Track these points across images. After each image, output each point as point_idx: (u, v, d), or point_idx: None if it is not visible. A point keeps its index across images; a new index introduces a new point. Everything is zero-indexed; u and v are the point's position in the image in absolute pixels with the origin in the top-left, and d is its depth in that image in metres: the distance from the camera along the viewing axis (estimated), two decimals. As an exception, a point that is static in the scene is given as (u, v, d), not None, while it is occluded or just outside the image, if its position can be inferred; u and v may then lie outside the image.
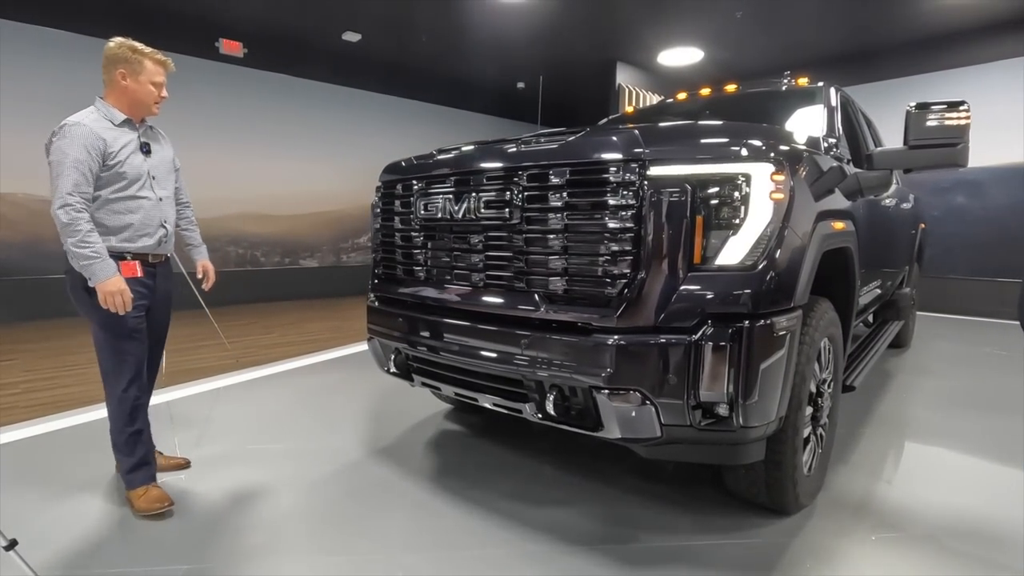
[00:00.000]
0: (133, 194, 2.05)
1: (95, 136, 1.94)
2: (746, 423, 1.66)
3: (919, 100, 2.52)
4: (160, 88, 2.12)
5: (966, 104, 2.47)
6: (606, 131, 1.81)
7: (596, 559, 1.82)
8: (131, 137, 2.08)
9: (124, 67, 2.05)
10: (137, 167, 2.07)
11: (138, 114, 2.12)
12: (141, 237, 2.08)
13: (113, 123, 2.04)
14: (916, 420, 3.18)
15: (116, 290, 1.93)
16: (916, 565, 1.82)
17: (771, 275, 1.65)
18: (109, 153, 1.99)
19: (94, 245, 1.90)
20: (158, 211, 2.14)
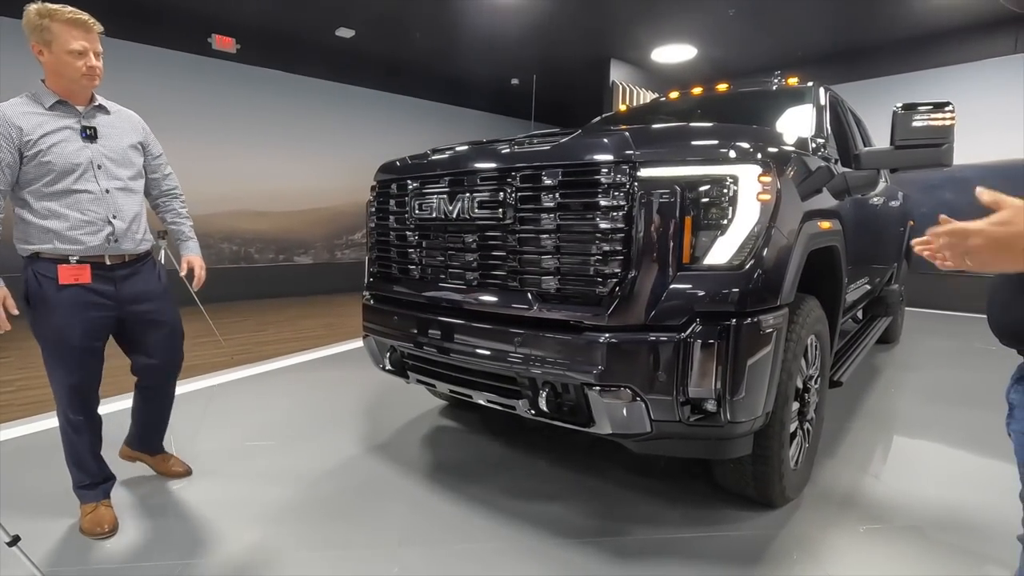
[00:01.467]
0: (68, 187, 1.79)
1: (8, 124, 1.71)
2: (733, 419, 1.71)
3: (908, 98, 2.56)
4: (83, 57, 1.77)
5: (951, 105, 2.51)
6: (597, 133, 1.84)
7: (590, 552, 1.86)
8: (66, 123, 1.81)
9: (35, 38, 1.74)
10: (69, 156, 1.79)
11: (73, 94, 1.83)
12: (81, 236, 1.81)
13: (43, 106, 1.79)
14: (902, 415, 3.24)
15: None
16: (901, 555, 1.87)
17: (758, 274, 1.69)
18: (26, 142, 1.74)
19: None
20: (102, 205, 1.85)
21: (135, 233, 1.96)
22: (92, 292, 1.85)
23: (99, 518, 1.95)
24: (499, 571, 1.78)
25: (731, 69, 8.48)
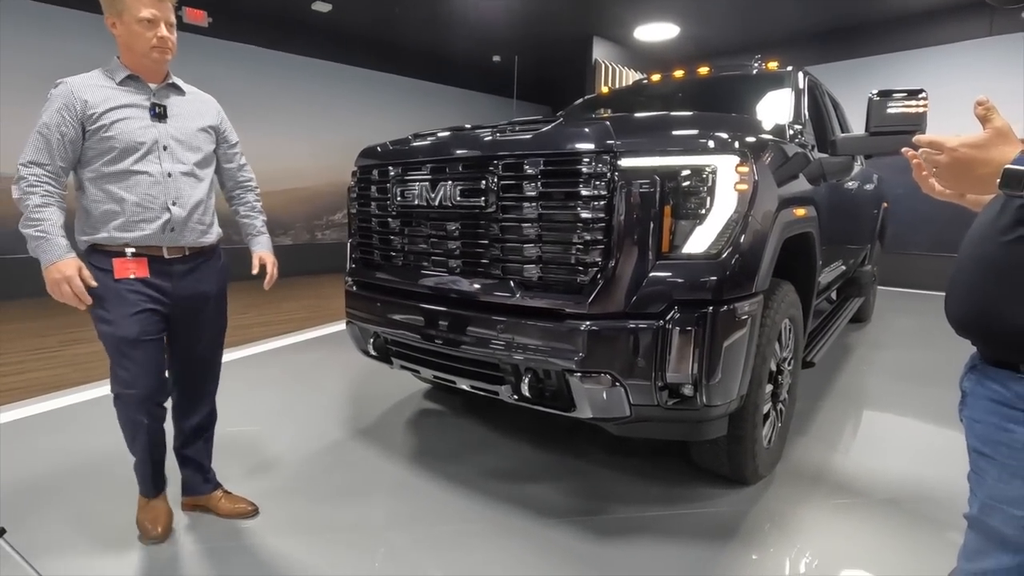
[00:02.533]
0: (128, 168, 1.66)
1: (73, 96, 1.60)
2: (709, 402, 1.77)
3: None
4: (153, 27, 1.64)
5: (924, 92, 2.56)
6: (579, 122, 1.85)
7: (572, 531, 1.93)
8: (135, 99, 1.69)
9: (108, 9, 1.64)
10: (133, 133, 1.66)
11: (146, 69, 1.71)
12: (138, 224, 1.68)
13: (114, 80, 1.68)
14: (872, 393, 3.37)
15: (60, 277, 1.58)
16: (867, 528, 1.97)
17: (734, 263, 1.73)
18: (90, 115, 1.62)
19: (41, 223, 1.58)
20: (162, 189, 1.71)
21: (197, 223, 1.79)
22: (148, 287, 1.72)
23: (155, 516, 1.87)
24: (484, 552, 1.83)
25: (713, 47, 8.47)
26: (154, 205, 1.70)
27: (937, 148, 0.83)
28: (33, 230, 1.58)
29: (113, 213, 1.67)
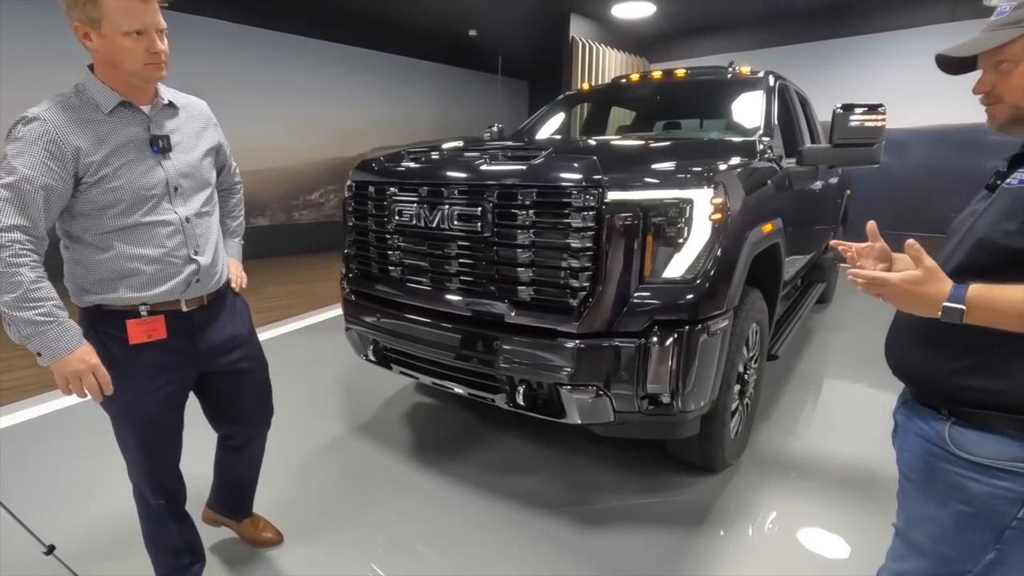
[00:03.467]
0: (139, 220, 1.37)
1: (59, 142, 1.26)
2: (684, 408, 1.98)
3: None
4: (144, 38, 1.29)
5: (883, 107, 2.75)
6: (569, 157, 1.98)
7: (562, 521, 2.15)
8: (132, 132, 1.37)
9: (77, 15, 1.25)
10: (141, 179, 1.36)
11: (135, 90, 1.37)
12: (156, 281, 1.41)
13: (102, 110, 1.33)
14: (831, 377, 3.67)
15: (84, 368, 1.30)
16: (822, 509, 2.25)
17: (708, 285, 1.92)
18: (88, 164, 1.29)
19: (43, 303, 1.24)
20: (184, 238, 1.45)
21: (216, 267, 1.56)
22: (168, 350, 1.47)
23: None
24: (488, 545, 2.05)
25: (688, 25, 8.54)
26: (176, 259, 1.44)
27: (881, 283, 1.00)
28: (33, 313, 1.22)
29: (128, 272, 1.38)
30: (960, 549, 1.07)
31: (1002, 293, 0.92)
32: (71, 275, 1.42)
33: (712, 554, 1.99)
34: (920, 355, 1.12)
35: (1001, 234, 0.98)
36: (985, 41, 1.08)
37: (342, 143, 8.78)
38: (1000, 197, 1.02)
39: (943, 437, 1.08)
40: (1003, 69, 1.06)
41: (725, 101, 3.45)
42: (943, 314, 0.95)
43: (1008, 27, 1.04)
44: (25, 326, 1.23)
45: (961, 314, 0.93)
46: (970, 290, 0.94)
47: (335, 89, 8.51)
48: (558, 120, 3.91)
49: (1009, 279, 0.98)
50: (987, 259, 1.01)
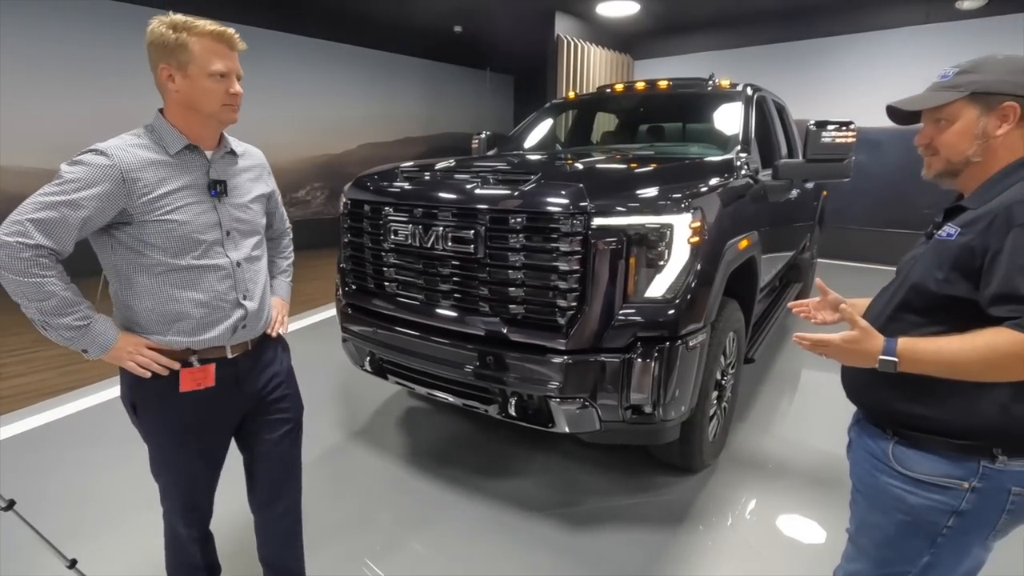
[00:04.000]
0: (191, 263, 1.37)
1: (123, 179, 1.28)
2: (665, 417, 2.13)
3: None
4: (225, 80, 1.35)
5: (853, 123, 2.90)
6: (558, 185, 2.09)
7: (551, 523, 2.29)
8: (191, 176, 1.38)
9: (167, 59, 1.31)
10: (195, 222, 1.37)
11: (205, 133, 1.41)
12: (206, 327, 1.41)
13: (168, 151, 1.36)
14: (805, 376, 3.86)
15: (133, 349, 1.35)
16: (795, 506, 2.42)
17: (687, 304, 2.06)
18: (144, 202, 1.30)
19: (79, 307, 1.29)
20: (233, 283, 1.45)
21: (263, 311, 1.55)
22: (215, 397, 1.47)
23: None
24: (479, 544, 2.19)
25: (671, 24, 8.64)
26: (225, 303, 1.44)
27: (824, 344, 1.15)
28: (71, 318, 1.27)
29: (176, 315, 1.38)
30: (901, 552, 1.23)
31: (925, 346, 1.07)
32: (120, 315, 1.41)
33: (693, 550, 2.15)
34: (869, 385, 1.26)
35: (932, 281, 1.13)
36: (927, 100, 1.22)
37: (328, 140, 8.79)
38: (932, 247, 1.17)
39: (887, 455, 1.23)
40: (941, 126, 1.20)
41: (705, 113, 3.59)
42: (880, 366, 1.09)
43: (948, 90, 1.18)
44: (65, 331, 1.27)
45: (895, 365, 1.08)
46: (899, 344, 1.08)
47: (320, 86, 8.50)
48: (545, 127, 4.02)
49: (940, 319, 1.13)
50: (921, 302, 1.16)
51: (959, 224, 1.13)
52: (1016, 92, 1.10)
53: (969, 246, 1.07)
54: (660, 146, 3.49)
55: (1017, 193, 1.05)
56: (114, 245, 1.34)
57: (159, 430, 1.46)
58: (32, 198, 1.24)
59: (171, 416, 1.44)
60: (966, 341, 1.03)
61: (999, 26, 6.65)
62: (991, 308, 1.02)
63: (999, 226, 1.03)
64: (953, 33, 6.94)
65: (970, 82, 1.14)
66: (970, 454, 1.12)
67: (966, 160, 1.16)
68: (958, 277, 1.09)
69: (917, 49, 7.14)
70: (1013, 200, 1.04)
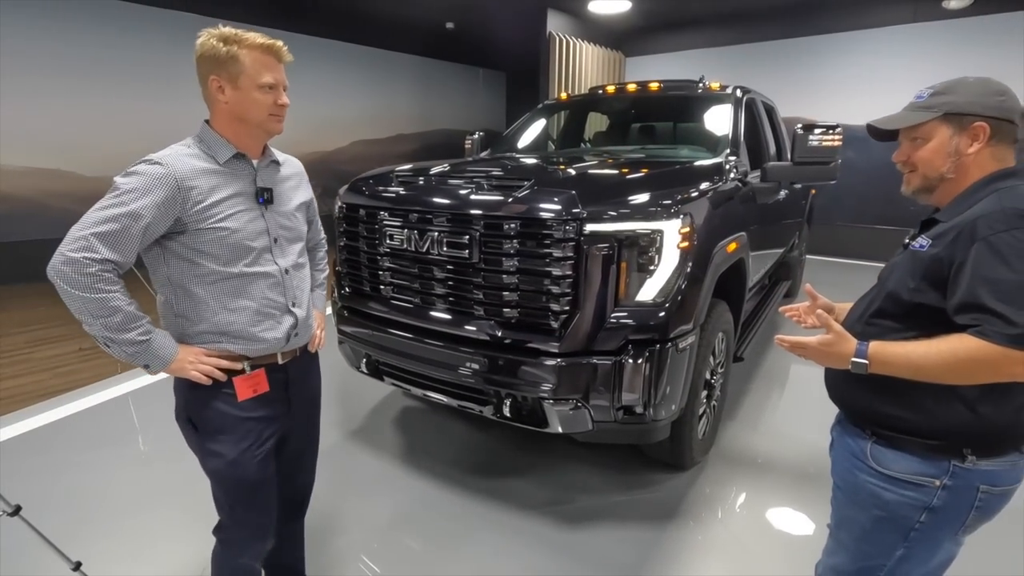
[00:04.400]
0: (242, 271, 1.40)
1: (179, 188, 1.30)
2: (656, 417, 2.19)
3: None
4: (273, 92, 1.38)
5: (839, 127, 2.97)
6: (551, 191, 2.14)
7: (545, 520, 2.35)
8: (240, 184, 1.41)
9: (218, 71, 1.34)
10: (245, 229, 1.39)
11: (252, 142, 1.44)
12: (260, 333, 1.44)
13: (217, 160, 1.38)
14: (794, 372, 3.94)
15: (194, 359, 1.37)
16: (786, 498, 2.49)
17: (677, 307, 2.12)
18: (197, 210, 1.32)
19: (141, 321, 1.30)
20: (283, 290, 1.48)
21: (311, 318, 1.60)
22: (268, 404, 1.49)
23: None
24: (473, 541, 2.24)
25: (662, 21, 8.69)
26: (276, 310, 1.47)
27: (802, 346, 1.23)
28: (135, 334, 1.28)
29: (229, 323, 1.40)
30: (877, 546, 1.30)
31: (894, 349, 1.14)
32: (170, 325, 1.42)
33: (683, 544, 2.22)
34: (850, 387, 1.33)
35: (905, 290, 1.19)
36: (904, 119, 1.28)
37: (320, 137, 8.78)
38: (907, 257, 1.23)
39: (866, 454, 1.30)
40: (917, 144, 1.26)
41: (695, 115, 3.65)
42: (852, 367, 1.17)
43: (923, 110, 1.24)
44: (129, 346, 1.28)
45: (865, 367, 1.15)
46: (870, 348, 1.16)
47: (312, 83, 8.47)
48: (538, 127, 4.06)
49: (913, 326, 1.19)
50: (896, 309, 1.22)
51: (931, 236, 1.19)
52: (986, 113, 1.17)
53: (938, 257, 1.14)
54: (651, 148, 3.54)
55: (982, 208, 1.12)
56: (167, 256, 1.36)
57: (223, 443, 1.43)
58: (91, 213, 1.25)
59: (232, 425, 1.44)
60: (931, 346, 1.10)
61: (984, 25, 6.75)
62: (956, 316, 1.09)
63: (964, 239, 1.10)
64: (940, 32, 7.04)
65: (943, 103, 1.20)
66: (942, 454, 1.19)
67: (941, 176, 1.22)
68: (928, 287, 1.15)
69: (904, 47, 7.23)
70: (978, 215, 1.10)
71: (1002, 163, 1.19)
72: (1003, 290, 1.03)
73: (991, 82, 1.20)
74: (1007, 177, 1.17)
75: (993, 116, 1.17)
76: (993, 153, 1.19)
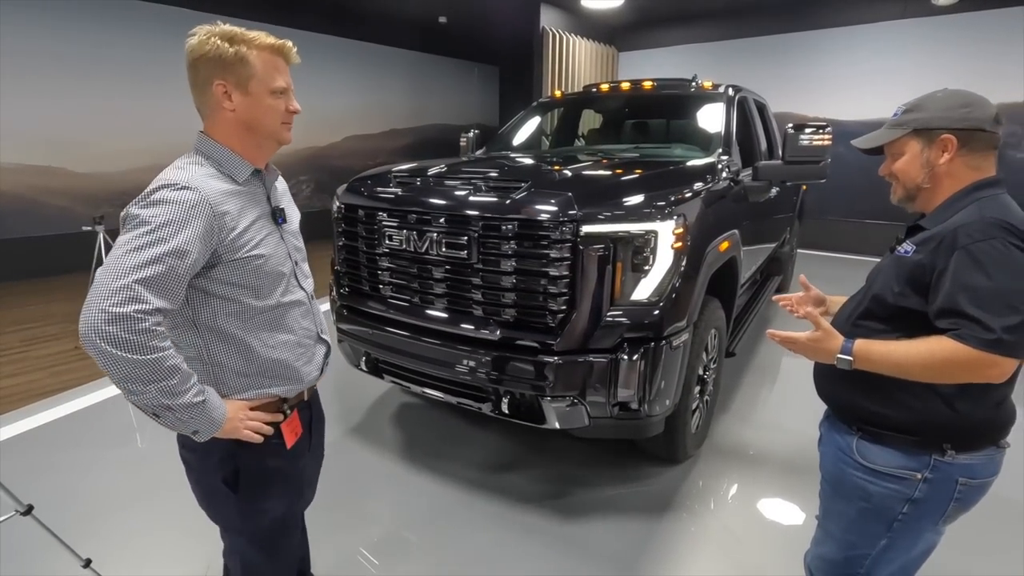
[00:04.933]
0: (279, 301, 1.26)
1: (213, 213, 1.12)
2: (650, 412, 2.25)
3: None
4: (287, 97, 1.25)
5: (829, 127, 3.02)
6: (547, 193, 2.17)
7: (544, 514, 2.41)
8: (260, 204, 1.26)
9: (224, 75, 1.17)
10: (275, 255, 1.25)
11: (261, 153, 1.27)
12: (302, 373, 1.33)
13: (236, 180, 1.21)
14: (785, 366, 4.02)
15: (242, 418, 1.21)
16: (776, 489, 2.56)
17: (671, 305, 2.17)
18: (232, 240, 1.16)
19: (193, 382, 1.12)
20: (313, 318, 1.38)
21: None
22: (303, 446, 1.39)
23: None
24: (472, 535, 2.29)
25: (655, 16, 8.72)
26: (310, 340, 1.36)
27: (792, 341, 1.29)
28: (191, 395, 1.10)
29: (271, 363, 1.26)
30: (862, 536, 1.36)
31: (877, 348, 1.21)
32: (206, 376, 1.21)
33: (677, 536, 2.28)
34: (837, 384, 1.39)
35: (890, 293, 1.25)
36: (878, 138, 1.37)
37: (313, 133, 8.75)
38: (892, 261, 1.29)
39: (852, 448, 1.36)
40: (895, 158, 1.34)
41: (688, 113, 3.69)
42: (837, 363, 1.23)
43: (896, 128, 1.32)
44: (186, 411, 1.10)
45: (849, 363, 1.22)
46: (855, 345, 1.22)
47: (305, 78, 8.42)
48: (532, 125, 4.09)
49: (897, 327, 1.25)
50: (881, 311, 1.28)
51: (915, 242, 1.25)
52: (952, 126, 1.23)
53: (921, 263, 1.20)
54: (645, 147, 3.58)
55: (963, 217, 1.18)
56: (199, 298, 1.17)
57: (272, 500, 1.30)
58: (123, 256, 1.03)
59: (284, 479, 1.32)
60: (912, 346, 1.17)
61: (972, 22, 6.82)
62: (937, 321, 1.15)
63: (946, 247, 1.16)
64: (928, 28, 7.11)
65: (912, 119, 1.27)
66: (923, 448, 1.25)
67: (918, 187, 1.30)
68: (911, 291, 1.21)
69: (894, 43, 7.30)
70: (959, 224, 1.16)
71: (978, 171, 1.25)
72: (980, 297, 1.09)
73: (958, 94, 1.26)
74: (988, 187, 1.23)
75: (959, 128, 1.22)
76: (966, 162, 1.24)
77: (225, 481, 1.26)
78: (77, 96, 6.24)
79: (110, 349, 1.00)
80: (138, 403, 1.07)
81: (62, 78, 6.13)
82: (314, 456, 1.53)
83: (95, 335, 0.99)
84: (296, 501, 1.41)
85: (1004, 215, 1.15)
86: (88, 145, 6.33)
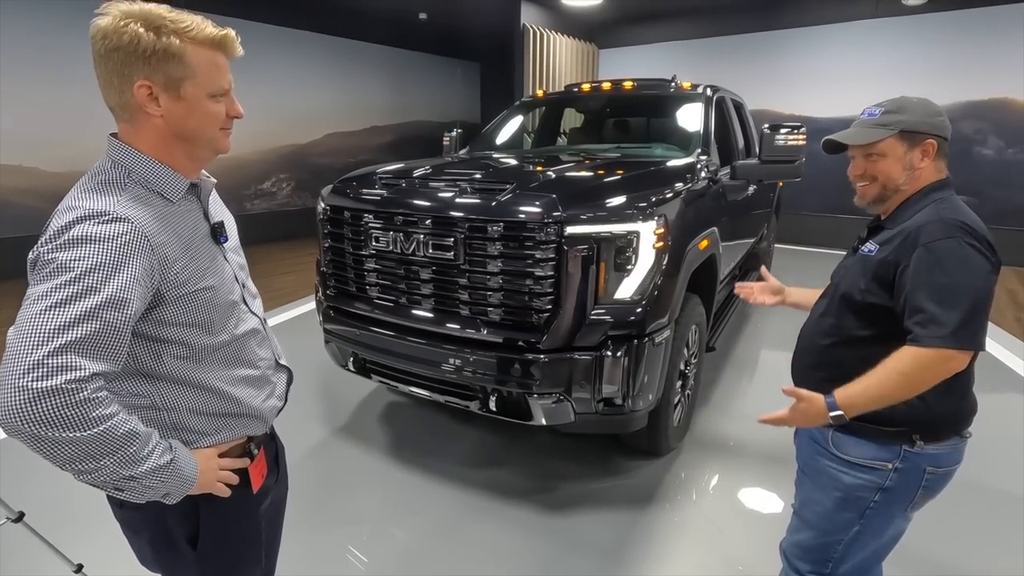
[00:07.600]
0: (234, 334, 1.09)
1: (152, 249, 0.92)
2: (634, 408, 2.31)
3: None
4: (228, 100, 1.05)
5: (803, 127, 3.11)
6: (532, 195, 2.21)
7: (530, 507, 2.46)
8: (198, 223, 1.06)
9: (149, 73, 0.93)
10: (222, 282, 1.07)
11: (194, 164, 1.06)
12: (263, 406, 1.16)
13: (168, 198, 1.00)
14: (764, 359, 4.11)
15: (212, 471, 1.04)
16: (756, 479, 2.65)
17: (653, 303, 2.23)
18: (174, 274, 0.96)
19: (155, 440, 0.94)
20: (270, 343, 1.22)
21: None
22: (270, 483, 1.23)
23: None
24: (460, 530, 2.34)
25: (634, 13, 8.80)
26: (271, 370, 1.20)
27: (782, 421, 1.35)
28: (157, 455, 0.93)
29: (235, 405, 1.10)
30: (836, 524, 1.43)
31: (855, 390, 1.24)
32: (164, 425, 1.02)
33: (660, 526, 2.35)
34: (813, 376, 1.45)
35: (857, 291, 1.32)
36: (865, 136, 1.39)
37: (293, 130, 8.65)
38: (857, 261, 1.36)
39: (827, 440, 1.43)
40: (873, 159, 1.37)
41: (668, 113, 3.76)
42: (833, 421, 1.26)
43: (879, 128, 1.35)
44: (153, 477, 0.92)
45: (842, 416, 1.25)
46: (838, 399, 1.25)
47: (285, 75, 8.32)
48: (515, 124, 4.13)
49: (868, 323, 1.32)
50: (849, 309, 1.35)
51: (879, 241, 1.32)
52: (933, 132, 1.30)
53: (885, 261, 1.27)
54: (626, 147, 3.64)
55: (925, 216, 1.25)
56: (139, 344, 0.96)
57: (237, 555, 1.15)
58: (40, 313, 0.82)
59: (252, 528, 1.16)
60: (880, 373, 1.22)
61: (941, 21, 7.02)
62: (904, 322, 1.22)
63: (909, 244, 1.23)
64: (899, 27, 7.30)
65: (898, 121, 1.32)
66: (894, 439, 1.32)
67: (897, 187, 1.35)
68: (877, 288, 1.28)
69: (866, 42, 7.48)
70: (921, 223, 1.24)
71: (940, 174, 1.34)
72: (936, 291, 1.17)
73: (930, 103, 1.34)
74: (941, 189, 1.32)
75: (938, 134, 1.30)
76: (935, 166, 1.33)
77: (190, 539, 1.09)
78: (49, 94, 6.09)
79: (43, 431, 0.80)
80: (94, 482, 0.88)
81: (34, 76, 5.98)
82: (280, 489, 1.34)
83: (18, 419, 0.79)
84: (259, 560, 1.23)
85: (961, 216, 1.23)
86: (61, 144, 6.19)
